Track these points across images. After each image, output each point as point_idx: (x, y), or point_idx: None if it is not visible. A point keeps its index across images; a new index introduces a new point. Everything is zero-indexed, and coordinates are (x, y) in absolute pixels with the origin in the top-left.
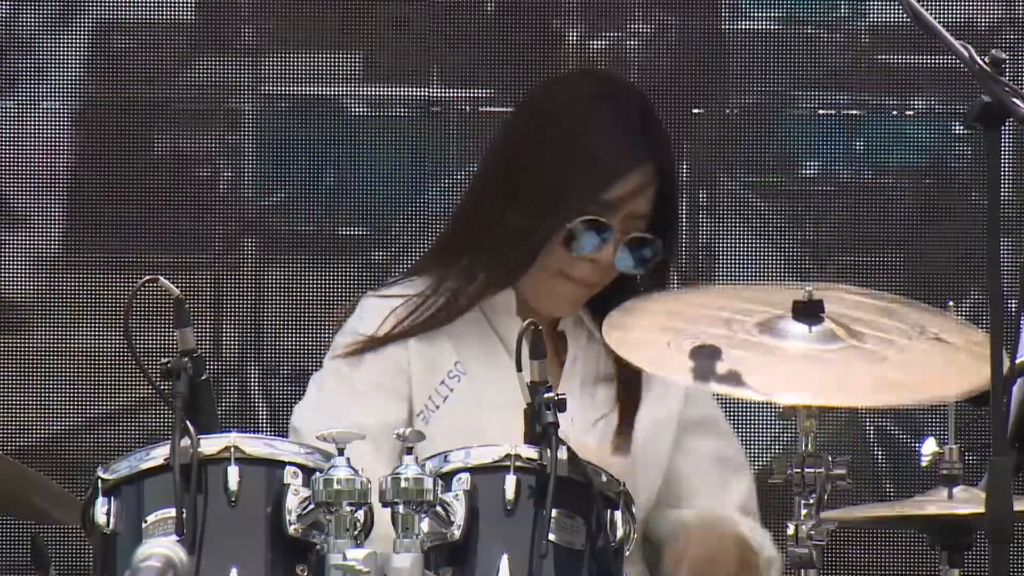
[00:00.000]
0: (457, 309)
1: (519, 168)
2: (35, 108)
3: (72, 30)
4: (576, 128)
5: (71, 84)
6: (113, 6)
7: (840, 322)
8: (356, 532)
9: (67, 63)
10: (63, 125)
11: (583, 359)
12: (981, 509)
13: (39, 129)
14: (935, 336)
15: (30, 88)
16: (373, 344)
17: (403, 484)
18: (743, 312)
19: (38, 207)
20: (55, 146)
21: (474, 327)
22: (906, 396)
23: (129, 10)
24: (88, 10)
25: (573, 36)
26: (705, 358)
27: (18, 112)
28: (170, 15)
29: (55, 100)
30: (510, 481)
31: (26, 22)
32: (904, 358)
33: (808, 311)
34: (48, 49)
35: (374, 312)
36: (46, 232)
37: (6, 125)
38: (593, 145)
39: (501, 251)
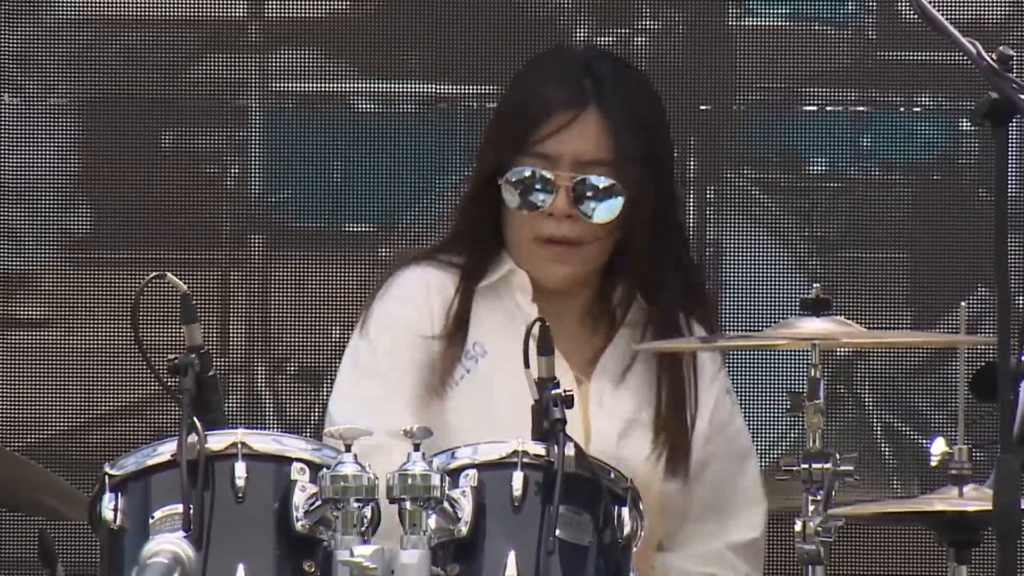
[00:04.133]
0: (471, 288)
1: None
2: (43, 104)
3: (80, 26)
4: (510, 89)
5: (79, 80)
6: (121, 2)
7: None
8: (363, 528)
9: (75, 59)
10: (71, 122)
11: (628, 339)
12: (989, 507)
13: (47, 126)
14: None
15: (38, 85)
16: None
17: (410, 480)
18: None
19: (45, 204)
20: (63, 143)
21: (499, 305)
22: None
23: (136, 6)
24: (95, 6)
25: (581, 33)
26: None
27: (26, 109)
28: (177, 11)
29: (63, 97)
30: (517, 477)
31: (33, 18)
32: None
33: (816, 306)
34: (56, 45)
35: (411, 290)
36: (53, 229)
37: (14, 121)
38: (517, 98)
39: (458, 221)
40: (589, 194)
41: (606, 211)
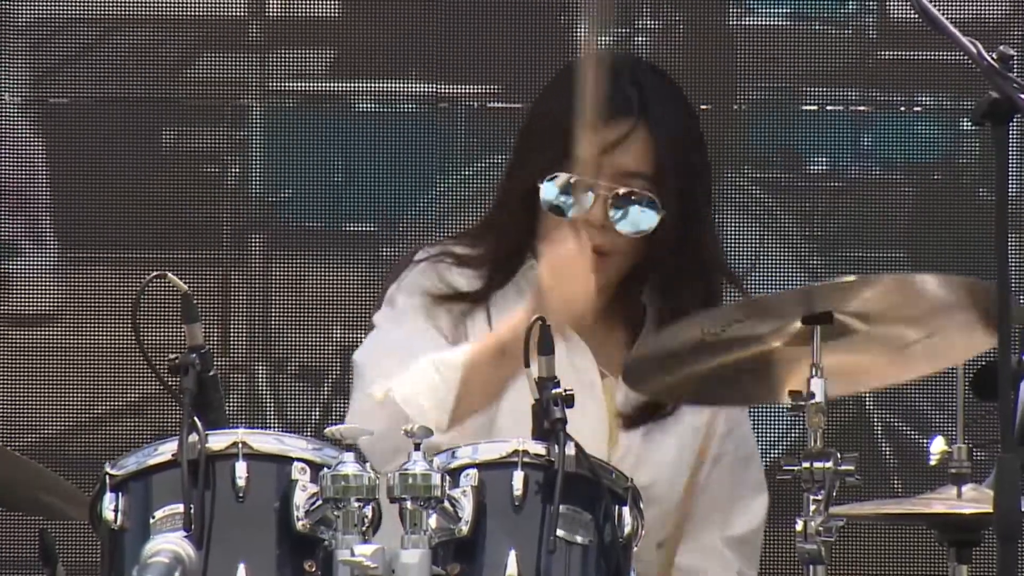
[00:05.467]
0: (491, 286)
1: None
2: (43, 104)
3: (79, 26)
4: (548, 98)
5: (79, 80)
6: (121, 2)
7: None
8: (364, 528)
9: (75, 59)
10: (71, 121)
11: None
12: (989, 508)
13: (47, 126)
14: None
15: (37, 84)
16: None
17: (411, 480)
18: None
19: (45, 203)
20: (63, 142)
21: (519, 303)
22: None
23: (137, 6)
24: (96, 5)
25: (581, 32)
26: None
27: (25, 108)
28: (177, 11)
29: (63, 97)
30: (518, 477)
31: (33, 18)
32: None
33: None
34: (56, 45)
35: (423, 276)
36: (54, 228)
37: (13, 121)
38: (558, 109)
39: (490, 220)
40: (624, 205)
41: (629, 220)
